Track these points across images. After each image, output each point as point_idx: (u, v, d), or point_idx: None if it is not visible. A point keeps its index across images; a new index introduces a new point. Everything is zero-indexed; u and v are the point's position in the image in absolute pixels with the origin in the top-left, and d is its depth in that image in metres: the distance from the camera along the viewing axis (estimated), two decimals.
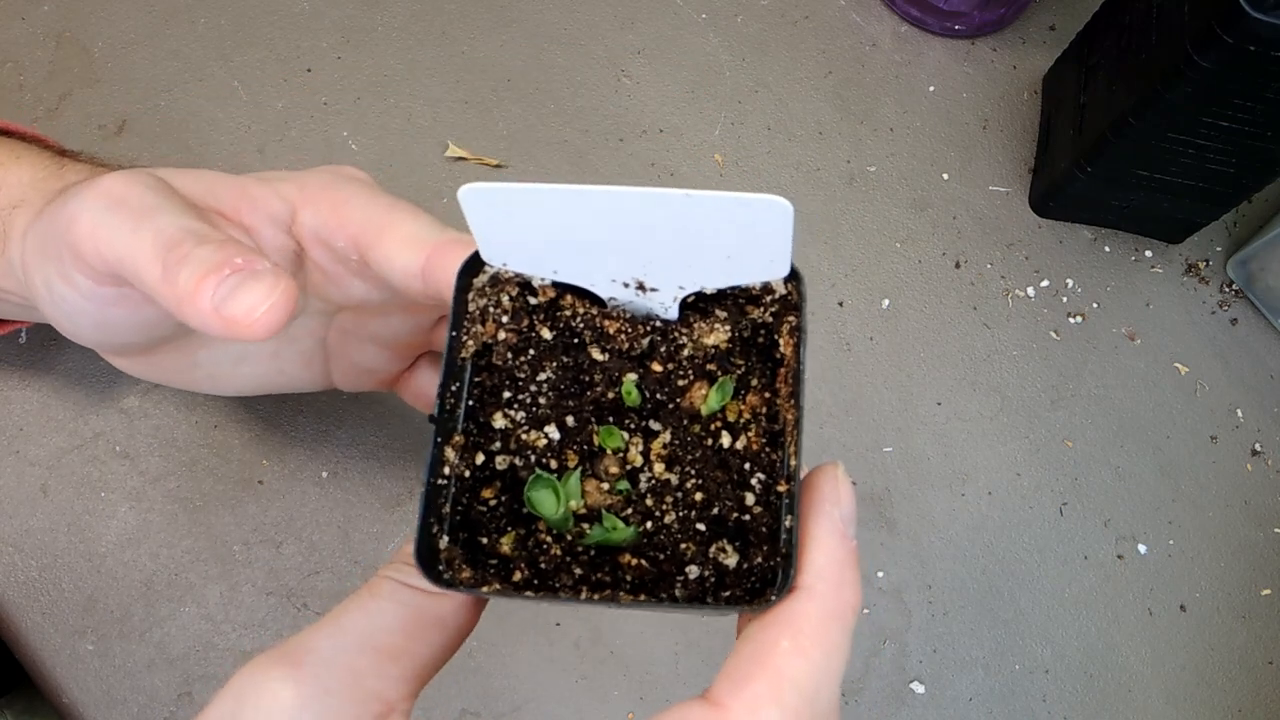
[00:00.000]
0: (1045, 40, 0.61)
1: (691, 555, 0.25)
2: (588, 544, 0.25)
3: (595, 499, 0.26)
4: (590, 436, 0.27)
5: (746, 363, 0.27)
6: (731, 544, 0.25)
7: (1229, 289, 0.57)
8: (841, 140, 0.58)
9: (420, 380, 0.41)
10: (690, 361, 0.27)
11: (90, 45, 0.55)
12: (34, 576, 0.46)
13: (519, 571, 0.25)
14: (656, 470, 0.26)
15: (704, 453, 0.26)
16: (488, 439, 0.26)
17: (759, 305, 0.27)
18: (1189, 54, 0.42)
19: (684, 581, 0.25)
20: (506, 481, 0.26)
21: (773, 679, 0.22)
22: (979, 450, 0.53)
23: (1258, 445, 0.54)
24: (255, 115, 0.55)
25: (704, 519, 0.26)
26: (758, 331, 0.27)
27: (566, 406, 0.27)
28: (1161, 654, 0.50)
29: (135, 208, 0.30)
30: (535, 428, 0.27)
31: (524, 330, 0.27)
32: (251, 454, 0.48)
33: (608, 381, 0.27)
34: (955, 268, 0.56)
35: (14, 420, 0.48)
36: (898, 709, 0.48)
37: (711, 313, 0.27)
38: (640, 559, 0.25)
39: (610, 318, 0.27)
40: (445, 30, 0.58)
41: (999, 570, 0.51)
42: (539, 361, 0.27)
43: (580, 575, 0.25)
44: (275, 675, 0.23)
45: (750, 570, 0.25)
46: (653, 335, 0.27)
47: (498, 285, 0.27)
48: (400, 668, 0.24)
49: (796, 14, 0.61)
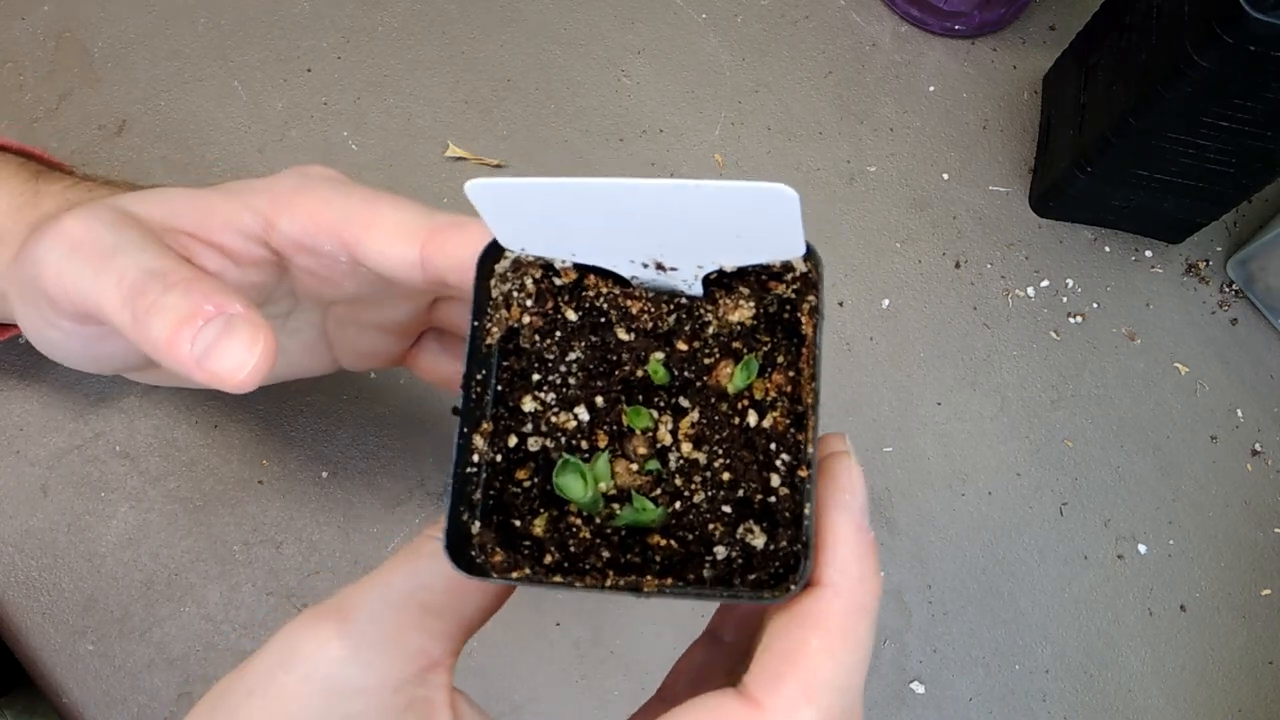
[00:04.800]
0: (1045, 40, 0.61)
1: (720, 536, 0.25)
2: (617, 525, 0.26)
3: (625, 480, 0.26)
4: (619, 417, 0.27)
5: (772, 340, 0.27)
6: (759, 525, 0.25)
7: (1229, 289, 0.57)
8: (841, 140, 0.58)
9: (427, 356, 0.41)
10: (715, 339, 0.27)
11: (90, 45, 0.55)
12: (34, 576, 0.46)
13: (550, 554, 0.25)
14: (685, 449, 0.26)
15: (731, 432, 0.26)
16: (519, 422, 0.26)
17: (781, 281, 0.27)
18: (1189, 54, 0.42)
19: (712, 562, 0.25)
20: (540, 463, 0.26)
21: (807, 679, 0.22)
22: (979, 450, 0.53)
23: (1258, 445, 0.54)
24: (255, 115, 0.55)
25: (731, 500, 0.26)
26: (782, 308, 0.27)
27: (595, 387, 0.27)
28: (1161, 654, 0.50)
29: (95, 250, 0.30)
30: (565, 409, 0.27)
31: (549, 313, 0.27)
32: (251, 454, 0.48)
33: (635, 360, 0.27)
34: (955, 268, 0.56)
35: (14, 420, 0.48)
36: (898, 709, 0.48)
37: (735, 289, 0.27)
38: (669, 539, 0.25)
39: (634, 297, 0.27)
40: (445, 30, 0.58)
41: (999, 570, 0.51)
42: (567, 343, 0.27)
43: (609, 557, 0.25)
44: (324, 628, 0.24)
45: (776, 553, 0.25)
46: (678, 313, 0.27)
47: (520, 269, 0.27)
48: (444, 624, 0.25)
49: (796, 14, 0.61)
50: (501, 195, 0.24)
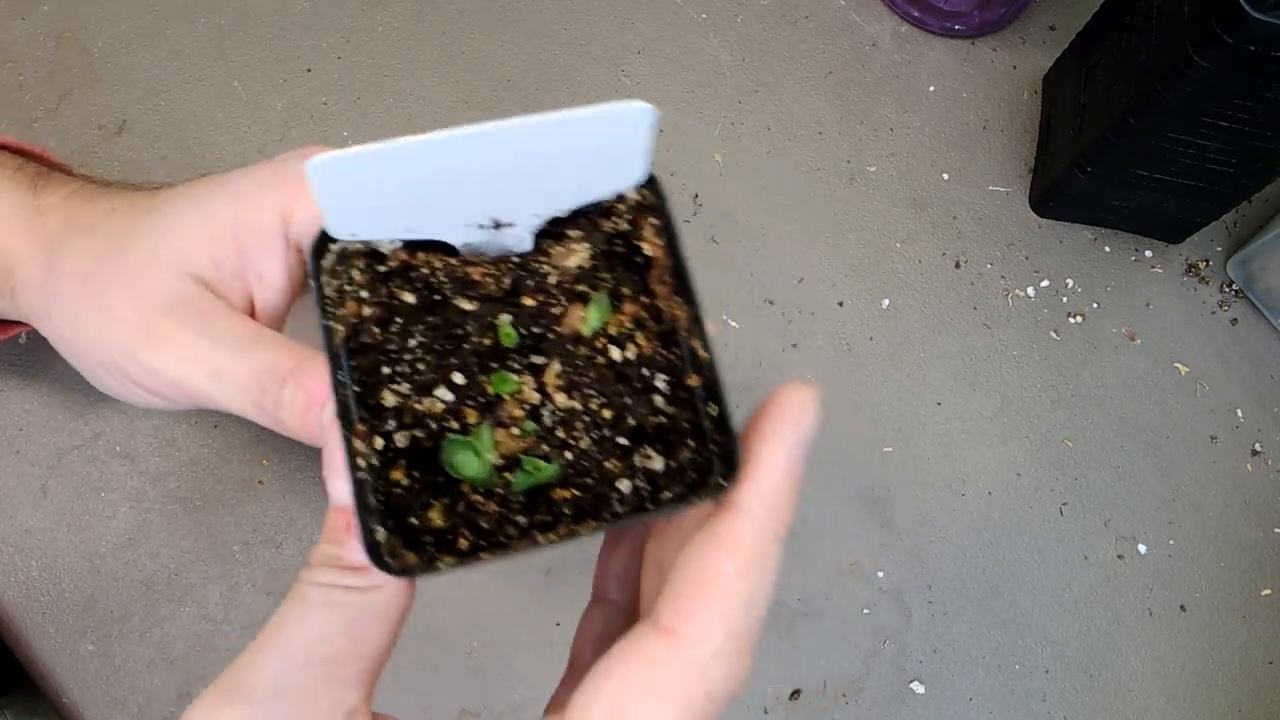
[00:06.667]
0: (1045, 40, 0.61)
1: (619, 471, 0.25)
2: (518, 491, 0.25)
3: (509, 446, 0.26)
4: (483, 388, 0.26)
5: (613, 275, 0.27)
6: (653, 448, 0.25)
7: (1229, 289, 0.57)
8: (841, 140, 0.58)
9: None
10: (559, 288, 0.27)
11: (90, 45, 0.55)
12: (34, 576, 0.46)
13: (462, 539, 0.25)
14: (558, 401, 0.26)
15: (599, 372, 0.26)
16: (382, 420, 0.26)
17: (611, 217, 0.27)
18: (1189, 54, 0.42)
19: (620, 498, 0.25)
20: (412, 457, 0.25)
21: (721, 604, 0.22)
22: (979, 450, 0.53)
23: (1258, 445, 0.54)
24: (255, 115, 0.55)
25: (620, 433, 0.26)
26: (615, 242, 0.27)
27: (450, 364, 0.26)
28: (1161, 654, 0.50)
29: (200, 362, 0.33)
30: (425, 394, 0.26)
31: (385, 300, 0.26)
32: (251, 454, 0.48)
33: (482, 328, 0.27)
34: (955, 268, 0.56)
35: (14, 420, 0.48)
36: (898, 709, 0.48)
37: (564, 235, 0.27)
38: (571, 490, 0.25)
39: (469, 264, 0.27)
40: (445, 30, 0.58)
41: (999, 570, 0.51)
42: (407, 328, 0.26)
43: (524, 524, 0.25)
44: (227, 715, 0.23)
45: (680, 469, 0.25)
46: (515, 271, 0.27)
47: (345, 261, 0.26)
48: (350, 671, 0.24)
49: (796, 14, 0.61)
50: (344, 169, 0.23)
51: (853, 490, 0.51)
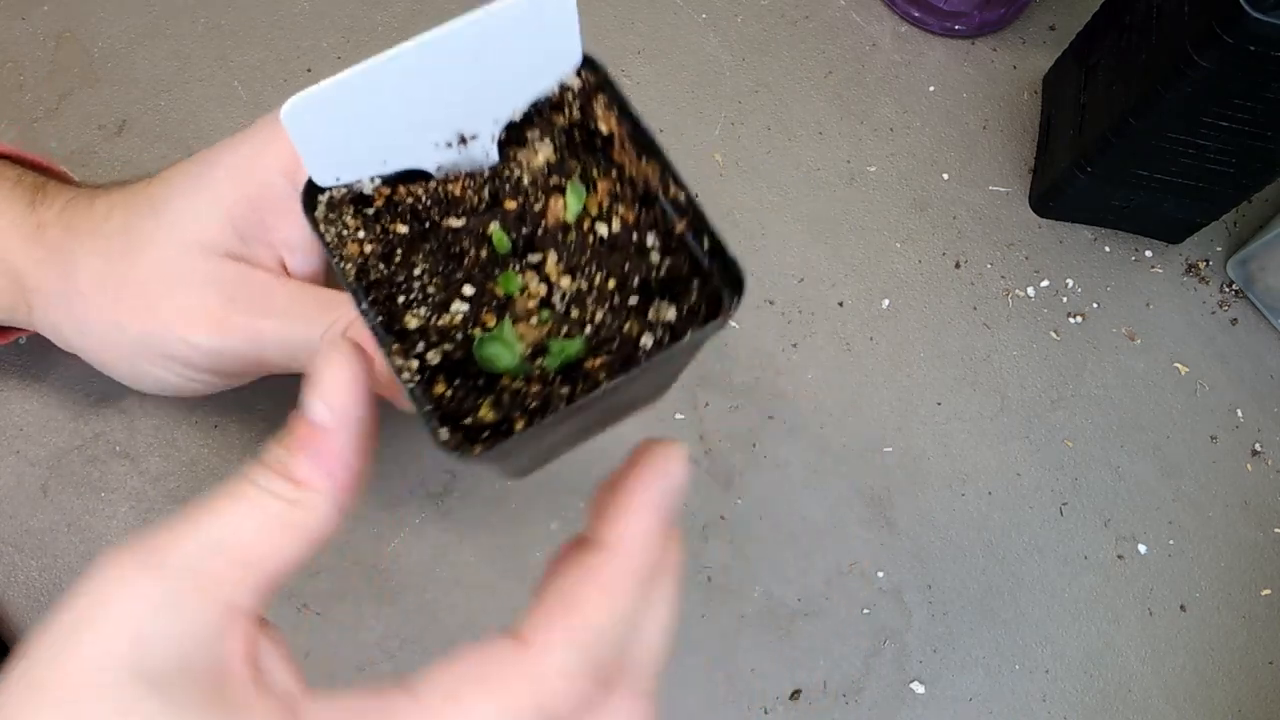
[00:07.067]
0: (1045, 40, 0.62)
1: (639, 329, 0.27)
2: (553, 370, 0.27)
3: (532, 336, 0.27)
4: (493, 293, 0.28)
5: (580, 160, 0.28)
6: (663, 300, 0.27)
7: (1229, 289, 0.58)
8: (841, 140, 0.58)
9: None
10: (534, 185, 0.28)
11: (90, 45, 0.55)
12: (34, 576, 0.46)
13: (519, 420, 0.25)
14: (564, 285, 0.28)
15: (592, 250, 0.28)
16: (411, 344, 0.27)
17: (563, 110, 0.28)
18: (1189, 54, 0.42)
19: (646, 353, 0.26)
20: (448, 370, 0.27)
21: (574, 622, 0.24)
22: (979, 450, 0.53)
23: (1258, 445, 0.54)
24: (255, 115, 0.54)
25: (628, 295, 0.27)
26: (573, 132, 0.28)
27: (457, 280, 0.28)
28: (1161, 654, 0.50)
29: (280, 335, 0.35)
30: (443, 311, 0.27)
31: (380, 236, 0.28)
32: (251, 454, 0.48)
33: (476, 240, 0.28)
34: (955, 268, 0.56)
35: (14, 420, 0.48)
36: (898, 709, 0.48)
37: (525, 139, 0.28)
38: (601, 357, 0.27)
39: (447, 182, 0.28)
40: None
41: (999, 570, 0.51)
42: (408, 257, 0.28)
43: (567, 394, 0.26)
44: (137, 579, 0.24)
45: (693, 310, 0.26)
46: (491, 182, 0.28)
47: (335, 208, 0.28)
48: (255, 576, 0.25)
49: (796, 14, 0.61)
50: (316, 108, 0.25)
51: (853, 490, 0.51)
